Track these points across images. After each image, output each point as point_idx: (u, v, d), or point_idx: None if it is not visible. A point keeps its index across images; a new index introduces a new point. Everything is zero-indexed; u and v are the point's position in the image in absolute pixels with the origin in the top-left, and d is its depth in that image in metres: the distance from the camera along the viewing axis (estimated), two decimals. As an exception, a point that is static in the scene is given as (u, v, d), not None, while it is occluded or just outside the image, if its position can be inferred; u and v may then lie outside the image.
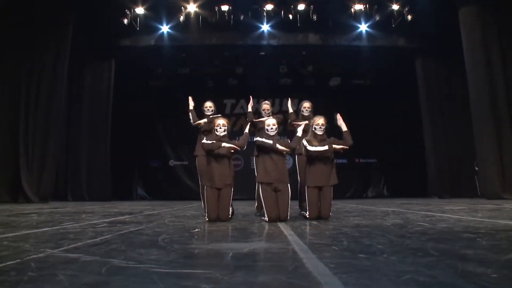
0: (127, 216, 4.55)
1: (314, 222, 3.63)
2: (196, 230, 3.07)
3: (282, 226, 3.34)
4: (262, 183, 3.91)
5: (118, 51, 10.56)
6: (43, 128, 8.35)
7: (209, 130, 4.41)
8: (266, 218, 3.82)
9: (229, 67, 12.59)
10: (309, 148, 3.95)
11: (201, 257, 1.82)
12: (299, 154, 4.51)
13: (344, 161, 13.02)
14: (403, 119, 12.33)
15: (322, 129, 4.01)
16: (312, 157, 3.98)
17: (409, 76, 11.25)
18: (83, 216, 4.49)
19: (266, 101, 4.93)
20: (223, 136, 4.02)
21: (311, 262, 1.62)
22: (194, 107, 4.70)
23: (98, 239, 2.44)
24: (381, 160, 13.13)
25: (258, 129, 4.66)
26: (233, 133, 4.64)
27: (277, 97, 12.94)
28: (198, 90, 12.55)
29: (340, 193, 12.17)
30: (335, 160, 4.07)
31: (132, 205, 7.70)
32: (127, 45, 10.40)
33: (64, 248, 2.08)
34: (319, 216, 3.92)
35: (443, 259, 1.65)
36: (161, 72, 12.72)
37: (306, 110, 4.79)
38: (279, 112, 10.92)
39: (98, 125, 10.25)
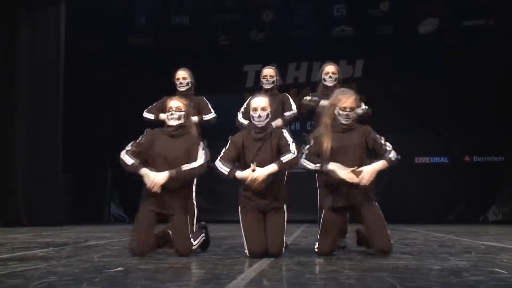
0: (49, 249, 4.76)
1: (320, 259, 3.66)
2: (118, 268, 3.24)
3: (259, 264, 3.40)
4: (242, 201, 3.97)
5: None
6: None
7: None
8: (246, 252, 3.85)
9: (251, 12, 12.65)
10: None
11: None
12: None
13: (444, 159, 12.61)
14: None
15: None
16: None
17: None
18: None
19: (270, 67, 5.01)
20: (180, 127, 4.08)
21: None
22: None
23: None
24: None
25: None
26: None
27: (329, 57, 12.54)
28: (204, 50, 12.78)
29: (435, 214, 11.84)
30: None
31: (85, 232, 7.97)
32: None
33: None
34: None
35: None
36: (145, 24, 12.97)
37: (330, 78, 4.73)
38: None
39: (42, 106, 10.30)
